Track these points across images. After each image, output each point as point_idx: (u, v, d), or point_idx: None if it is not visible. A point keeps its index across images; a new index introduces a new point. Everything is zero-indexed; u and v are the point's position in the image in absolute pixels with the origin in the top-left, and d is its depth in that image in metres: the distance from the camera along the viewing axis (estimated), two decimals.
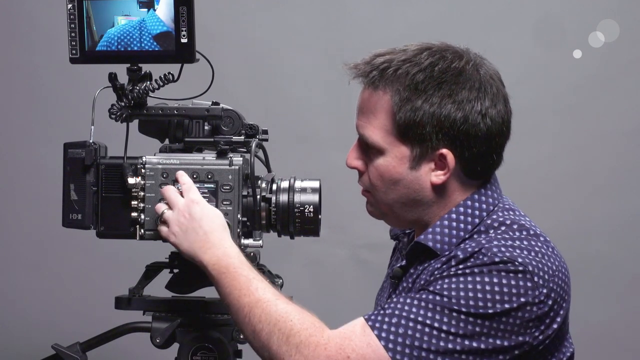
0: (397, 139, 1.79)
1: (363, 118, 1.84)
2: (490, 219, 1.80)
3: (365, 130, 1.83)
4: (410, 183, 1.81)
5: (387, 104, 1.80)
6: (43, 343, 2.06)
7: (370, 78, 1.82)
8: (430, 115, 1.76)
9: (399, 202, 1.82)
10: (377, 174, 1.81)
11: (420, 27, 3.20)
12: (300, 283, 3.14)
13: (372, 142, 1.81)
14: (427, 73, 1.78)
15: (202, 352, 1.88)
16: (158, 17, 1.82)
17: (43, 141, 3.26)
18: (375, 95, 1.82)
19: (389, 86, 1.80)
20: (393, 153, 1.80)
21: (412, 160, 1.80)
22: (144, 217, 1.87)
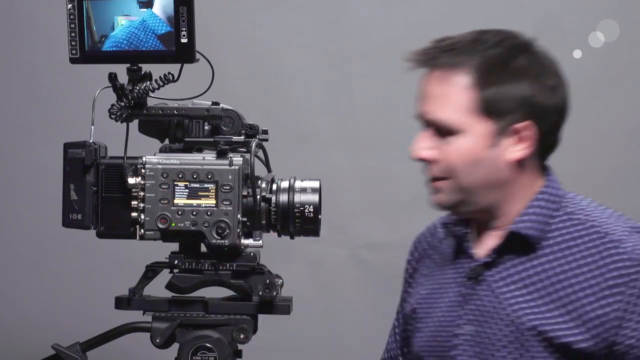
0: (476, 116, 1.81)
1: (434, 103, 1.84)
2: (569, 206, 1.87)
3: (439, 113, 1.83)
4: (491, 162, 1.82)
5: (464, 82, 1.81)
6: (43, 343, 2.06)
7: (445, 58, 1.83)
8: (510, 88, 1.80)
9: (478, 185, 1.83)
10: (457, 155, 1.82)
11: (420, 27, 3.19)
12: (300, 283, 3.14)
13: (450, 124, 1.82)
14: (499, 49, 1.82)
15: (202, 352, 1.88)
16: (158, 16, 1.82)
17: (43, 141, 3.26)
18: (448, 75, 1.83)
19: (466, 62, 1.82)
20: (473, 131, 1.82)
21: (493, 137, 1.82)
22: (144, 217, 1.87)
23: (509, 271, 1.85)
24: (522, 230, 1.83)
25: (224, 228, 1.86)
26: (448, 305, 1.91)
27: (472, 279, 1.88)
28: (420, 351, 1.95)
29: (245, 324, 1.89)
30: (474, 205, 1.86)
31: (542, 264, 1.83)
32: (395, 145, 3.23)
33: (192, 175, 1.87)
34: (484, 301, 1.86)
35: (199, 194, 1.87)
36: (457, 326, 1.88)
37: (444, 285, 1.94)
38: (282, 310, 1.90)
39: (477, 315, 1.86)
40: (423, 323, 1.96)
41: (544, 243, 1.84)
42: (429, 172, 1.88)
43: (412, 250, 2.09)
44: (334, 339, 3.27)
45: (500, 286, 1.84)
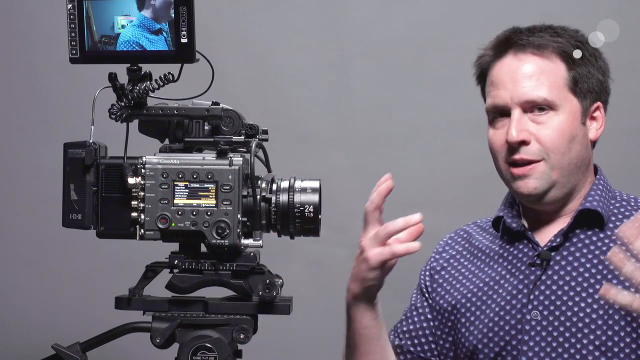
0: (570, 92, 1.92)
1: (532, 81, 1.92)
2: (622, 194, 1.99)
3: (539, 90, 1.91)
4: (582, 139, 1.93)
5: (561, 58, 1.93)
6: (43, 343, 2.06)
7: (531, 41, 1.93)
8: (589, 70, 1.94)
9: (573, 163, 1.92)
10: (556, 133, 1.90)
11: (420, 27, 3.20)
12: (300, 283, 3.14)
13: (549, 99, 1.90)
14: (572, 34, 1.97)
15: (202, 352, 1.88)
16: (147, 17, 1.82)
17: (43, 141, 3.26)
18: (541, 55, 1.93)
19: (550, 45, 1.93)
20: (567, 108, 1.91)
21: (582, 115, 1.93)
22: (144, 217, 1.87)
23: (580, 248, 1.92)
24: (596, 207, 1.92)
25: (224, 228, 1.86)
26: (509, 295, 1.95)
27: (536, 266, 1.93)
28: (478, 343, 1.98)
29: (245, 324, 1.89)
30: (563, 188, 1.94)
31: (613, 239, 1.90)
32: (395, 145, 3.24)
33: (192, 175, 1.87)
34: (555, 285, 1.92)
35: (199, 194, 1.87)
36: (523, 313, 1.93)
37: (498, 279, 1.99)
38: (282, 310, 1.90)
39: (546, 300, 1.92)
40: (475, 317, 2.00)
41: (609, 225, 1.94)
42: (523, 154, 1.92)
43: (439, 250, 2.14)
44: (334, 339, 3.26)
45: (574, 265, 1.91)
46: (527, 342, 1.92)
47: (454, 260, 2.09)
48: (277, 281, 1.92)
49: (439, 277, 2.10)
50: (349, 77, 3.26)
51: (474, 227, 2.13)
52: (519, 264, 1.98)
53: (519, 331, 1.93)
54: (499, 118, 1.97)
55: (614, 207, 1.96)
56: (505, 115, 1.95)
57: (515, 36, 1.96)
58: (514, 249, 2.00)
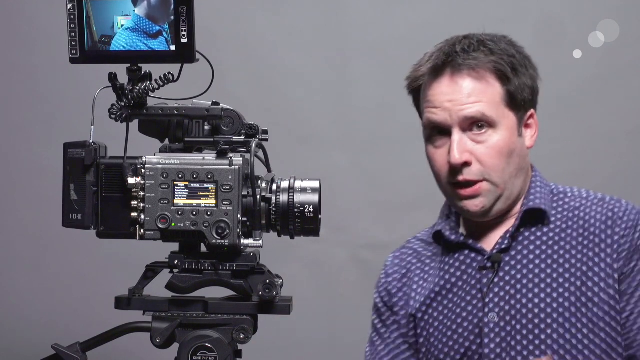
0: (506, 108, 1.93)
1: (470, 98, 1.93)
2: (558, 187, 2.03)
3: (478, 107, 1.92)
4: (519, 151, 1.95)
5: (495, 75, 1.93)
6: (43, 343, 2.06)
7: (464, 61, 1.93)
8: (525, 79, 1.95)
9: (514, 175, 1.95)
10: (495, 152, 1.92)
11: (420, 27, 3.20)
12: (300, 283, 3.14)
13: (488, 115, 1.92)
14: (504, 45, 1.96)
15: (202, 352, 1.88)
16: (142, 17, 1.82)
17: (43, 141, 3.26)
18: (476, 74, 1.93)
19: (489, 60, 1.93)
20: (504, 124, 1.93)
21: (519, 127, 1.95)
22: (144, 217, 1.87)
23: (528, 246, 1.95)
24: (540, 206, 1.96)
25: (224, 228, 1.86)
26: (463, 302, 1.97)
27: (487, 269, 1.95)
28: (440, 353, 1.99)
29: (245, 324, 1.89)
30: (508, 200, 1.96)
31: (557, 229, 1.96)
32: (395, 145, 3.24)
33: (192, 175, 1.87)
34: (508, 285, 1.93)
35: (199, 194, 1.87)
36: (480, 317, 1.94)
37: (449, 288, 2.00)
38: (282, 310, 1.90)
39: (502, 300, 1.93)
40: (433, 327, 2.01)
41: (551, 218, 1.97)
42: (466, 175, 1.94)
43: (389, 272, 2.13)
44: (334, 339, 3.27)
45: (523, 263, 1.94)
46: (488, 345, 1.93)
47: (406, 278, 2.09)
48: (277, 281, 1.92)
49: (397, 299, 2.10)
50: (349, 77, 3.26)
51: (417, 242, 2.14)
52: (469, 269, 1.99)
53: (477, 335, 1.94)
54: (438, 136, 1.97)
55: (552, 201, 2.00)
56: (443, 133, 1.96)
57: (450, 58, 1.94)
58: (459, 255, 2.01)
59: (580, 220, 1.96)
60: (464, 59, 1.93)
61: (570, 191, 2.03)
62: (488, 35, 1.98)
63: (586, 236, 1.95)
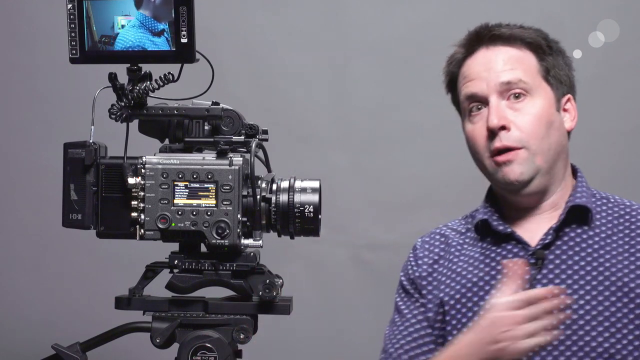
0: (543, 80, 1.95)
1: (506, 65, 1.95)
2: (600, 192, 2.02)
3: (515, 73, 1.94)
4: (559, 125, 1.96)
5: (530, 48, 1.96)
6: (43, 343, 2.06)
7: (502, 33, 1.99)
8: (558, 62, 1.97)
9: (553, 149, 1.93)
10: (534, 118, 1.92)
11: (420, 27, 3.20)
12: (300, 283, 3.14)
13: (525, 81, 1.93)
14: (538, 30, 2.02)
15: (202, 352, 1.88)
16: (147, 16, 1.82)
17: (43, 141, 3.25)
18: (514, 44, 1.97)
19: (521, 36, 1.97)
20: (542, 94, 1.94)
21: (556, 102, 1.96)
22: (144, 217, 1.87)
23: (572, 246, 1.93)
24: (585, 203, 1.94)
25: (224, 228, 1.86)
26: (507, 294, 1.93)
27: (530, 265, 1.92)
28: None
29: (245, 324, 1.89)
30: (547, 175, 1.94)
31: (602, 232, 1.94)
32: (395, 145, 3.24)
33: (192, 175, 1.87)
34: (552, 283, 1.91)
35: (199, 194, 1.87)
36: None
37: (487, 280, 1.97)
38: (282, 310, 1.90)
39: None
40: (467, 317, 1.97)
41: (595, 222, 1.96)
42: (505, 141, 1.93)
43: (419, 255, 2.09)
44: (334, 339, 3.26)
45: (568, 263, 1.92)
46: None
47: (437, 264, 2.06)
48: (277, 281, 1.92)
49: (427, 282, 2.07)
50: (349, 77, 3.26)
51: (448, 230, 2.10)
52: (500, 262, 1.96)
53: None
54: (475, 111, 1.97)
55: (596, 205, 1.98)
56: (481, 107, 1.97)
57: (484, 31, 2.00)
58: (501, 249, 1.98)
59: (626, 229, 1.95)
60: (499, 31, 1.98)
61: (613, 198, 2.01)
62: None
63: (633, 245, 1.93)
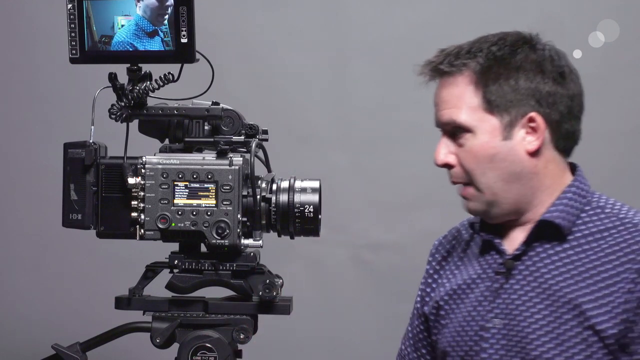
0: (485, 112, 1.87)
1: (445, 106, 1.90)
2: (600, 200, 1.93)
3: (452, 114, 1.89)
4: (506, 156, 1.88)
5: (469, 80, 1.88)
6: (43, 343, 2.06)
7: (447, 63, 1.89)
8: (513, 81, 1.87)
9: (500, 181, 1.88)
10: (471, 156, 1.88)
11: (420, 27, 3.20)
12: (300, 283, 3.14)
13: (461, 123, 1.87)
14: (501, 44, 1.89)
15: (202, 352, 1.88)
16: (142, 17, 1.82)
17: (43, 141, 3.26)
18: (454, 78, 1.89)
19: (468, 64, 1.89)
20: (483, 129, 1.87)
21: (504, 131, 1.88)
22: (144, 217, 1.87)
23: (540, 258, 1.90)
24: (555, 220, 1.89)
25: (224, 228, 1.86)
26: (476, 301, 1.94)
27: (501, 274, 1.91)
28: (446, 346, 1.98)
29: (245, 324, 1.89)
30: (503, 205, 1.91)
31: (574, 248, 1.89)
32: (395, 145, 3.24)
33: (192, 175, 1.87)
34: (516, 294, 1.90)
35: (199, 194, 1.87)
36: (486, 320, 1.92)
37: (471, 282, 1.97)
38: (282, 310, 1.90)
39: (504, 309, 1.90)
40: (448, 319, 1.99)
41: (575, 234, 1.90)
42: (452, 177, 1.93)
43: (432, 252, 2.11)
44: (334, 339, 3.27)
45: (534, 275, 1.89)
46: (486, 350, 1.91)
47: (445, 262, 2.07)
48: (277, 281, 1.92)
49: (432, 280, 2.08)
50: (349, 77, 3.26)
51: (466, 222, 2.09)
52: (489, 269, 1.96)
53: (481, 338, 1.92)
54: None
55: (586, 217, 1.91)
56: None
57: (434, 61, 1.93)
58: (486, 254, 1.98)
59: (605, 244, 1.88)
60: (441, 65, 1.90)
61: (611, 208, 1.93)
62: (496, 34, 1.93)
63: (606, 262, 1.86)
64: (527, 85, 1.88)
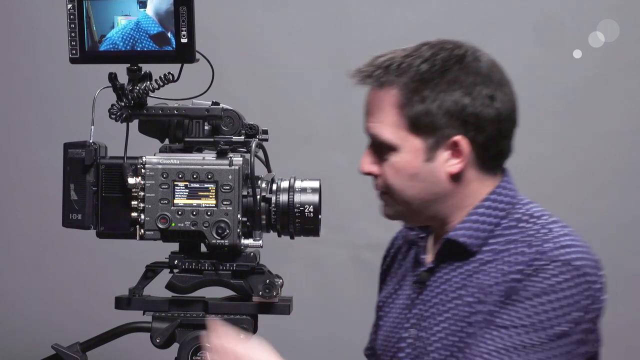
0: (409, 133, 1.81)
1: (372, 118, 1.85)
2: (516, 213, 1.83)
3: (376, 129, 1.84)
4: (427, 176, 1.82)
5: (395, 99, 1.81)
6: (43, 343, 2.06)
7: (375, 77, 1.83)
8: (439, 103, 1.79)
9: (418, 198, 1.83)
10: (393, 171, 1.83)
11: (420, 27, 3.20)
12: (300, 283, 3.14)
13: (385, 140, 1.82)
14: (431, 63, 1.80)
15: (202, 352, 1.88)
16: (150, 17, 1.82)
17: (43, 141, 3.26)
18: (381, 92, 1.83)
19: (395, 81, 1.82)
20: (406, 147, 1.81)
21: (427, 152, 1.81)
22: (144, 217, 1.87)
23: (447, 276, 1.85)
24: (458, 238, 1.82)
25: (224, 228, 1.86)
26: (400, 308, 1.93)
27: (418, 284, 1.89)
28: (378, 349, 1.97)
29: (245, 324, 1.89)
30: (418, 216, 1.87)
31: (479, 261, 1.82)
32: None
33: (192, 175, 1.87)
34: (426, 306, 1.87)
35: (199, 194, 1.87)
36: (403, 329, 1.90)
37: (401, 288, 1.95)
38: (282, 310, 1.90)
39: (419, 320, 1.87)
40: (383, 322, 1.98)
41: (483, 249, 1.83)
42: (375, 185, 1.89)
43: (388, 247, 2.09)
44: (334, 339, 3.27)
45: (439, 291, 1.85)
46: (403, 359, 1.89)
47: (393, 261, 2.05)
48: (277, 281, 1.92)
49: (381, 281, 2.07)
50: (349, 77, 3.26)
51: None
52: (414, 276, 1.92)
53: (398, 349, 1.90)
54: None
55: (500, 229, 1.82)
56: None
57: (364, 70, 1.86)
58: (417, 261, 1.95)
59: (505, 257, 1.80)
60: (373, 76, 1.84)
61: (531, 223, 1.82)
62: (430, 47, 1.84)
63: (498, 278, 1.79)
64: (454, 108, 1.79)
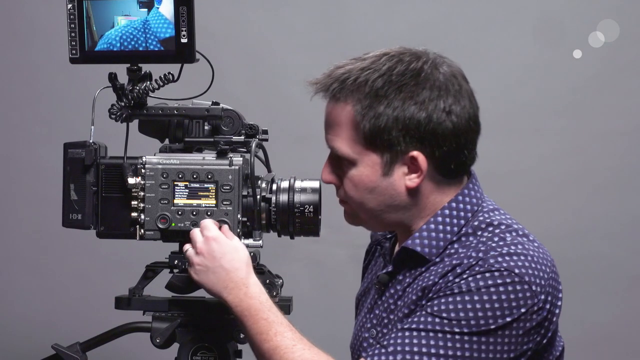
0: (365, 148, 1.78)
1: (330, 131, 1.84)
2: (476, 220, 1.79)
3: (334, 143, 1.83)
4: (385, 190, 1.80)
5: (350, 114, 1.79)
6: (43, 343, 2.06)
7: (331, 91, 1.82)
8: (394, 119, 1.75)
9: (378, 209, 1.81)
10: (352, 184, 1.81)
11: (420, 27, 3.20)
12: (300, 283, 3.14)
13: (342, 154, 1.81)
14: (386, 78, 1.78)
15: (202, 352, 1.88)
16: (164, 16, 1.82)
17: (43, 141, 3.26)
18: (338, 107, 1.82)
19: (350, 96, 1.79)
20: (364, 162, 1.79)
21: (384, 167, 1.78)
22: (144, 217, 1.87)
23: (405, 281, 1.83)
24: (415, 247, 1.80)
25: None
26: (367, 308, 1.92)
27: (380, 285, 1.87)
28: (350, 347, 1.96)
29: None
30: (379, 225, 1.86)
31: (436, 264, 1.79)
32: None
33: (192, 175, 1.87)
34: (383, 307, 1.86)
35: (199, 194, 1.87)
36: (365, 329, 1.89)
37: (373, 287, 1.93)
38: (282, 310, 1.90)
39: (379, 321, 1.86)
40: (356, 320, 1.98)
41: (443, 255, 1.80)
42: (336, 194, 1.87)
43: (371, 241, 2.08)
44: (334, 339, 3.26)
45: (393, 292, 1.84)
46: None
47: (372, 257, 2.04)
48: (277, 281, 1.92)
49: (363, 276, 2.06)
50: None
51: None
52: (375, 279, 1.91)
53: (362, 348, 1.88)
54: None
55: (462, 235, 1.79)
56: None
57: (324, 80, 1.86)
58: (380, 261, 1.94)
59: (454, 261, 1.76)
60: (329, 90, 1.83)
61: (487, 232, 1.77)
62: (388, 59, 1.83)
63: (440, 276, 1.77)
64: (409, 125, 1.75)
